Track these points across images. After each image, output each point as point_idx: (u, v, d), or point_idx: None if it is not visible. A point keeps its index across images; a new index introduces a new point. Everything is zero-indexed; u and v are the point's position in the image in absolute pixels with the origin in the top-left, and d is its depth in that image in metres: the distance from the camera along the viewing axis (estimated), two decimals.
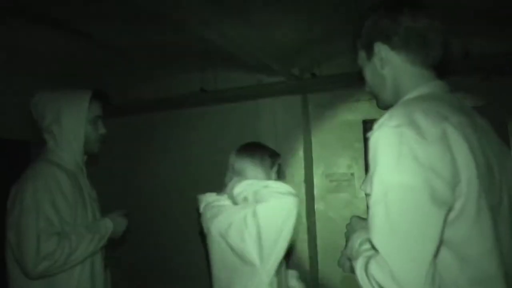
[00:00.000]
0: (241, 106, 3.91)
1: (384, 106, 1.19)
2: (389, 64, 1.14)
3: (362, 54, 1.22)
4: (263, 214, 1.56)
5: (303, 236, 3.44)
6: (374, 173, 0.94)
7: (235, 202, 1.73)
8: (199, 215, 1.87)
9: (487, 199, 0.94)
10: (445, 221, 0.89)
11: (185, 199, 4.05)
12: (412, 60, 1.12)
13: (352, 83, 3.42)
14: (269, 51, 3.11)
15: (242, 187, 1.70)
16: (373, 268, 0.90)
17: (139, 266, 4.28)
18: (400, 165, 0.90)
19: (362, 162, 3.62)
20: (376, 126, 0.97)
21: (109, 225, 1.93)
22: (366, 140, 4.05)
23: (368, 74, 1.22)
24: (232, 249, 1.61)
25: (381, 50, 1.14)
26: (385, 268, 0.87)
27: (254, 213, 1.56)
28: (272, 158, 1.89)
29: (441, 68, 1.16)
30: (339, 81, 3.50)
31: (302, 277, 2.97)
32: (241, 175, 1.83)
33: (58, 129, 1.90)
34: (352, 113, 3.73)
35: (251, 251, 1.56)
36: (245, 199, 1.67)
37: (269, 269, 1.57)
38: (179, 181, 4.16)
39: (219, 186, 2.11)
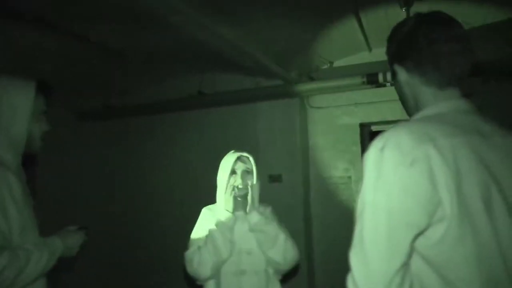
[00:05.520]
0: (239, 109, 3.92)
1: None
2: (407, 85, 1.16)
3: (390, 71, 1.24)
4: None
5: (300, 240, 3.43)
6: (360, 191, 1.00)
7: None
8: None
9: (473, 225, 0.92)
10: (413, 242, 0.93)
11: (184, 201, 4.06)
12: (426, 82, 1.11)
13: (350, 86, 3.47)
14: (267, 54, 3.11)
15: None
16: (347, 280, 0.97)
17: (128, 267, 4.28)
18: (377, 186, 0.95)
19: (359, 165, 3.62)
20: (370, 145, 1.02)
21: (58, 244, 1.66)
22: (363, 143, 4.01)
23: (396, 91, 1.25)
24: None
25: (399, 71, 1.16)
26: (352, 283, 0.94)
27: None
28: None
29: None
30: (336, 85, 3.51)
31: (298, 282, 2.94)
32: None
33: None
34: (349, 117, 3.75)
35: None
36: None
37: None
38: (177, 184, 4.16)
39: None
